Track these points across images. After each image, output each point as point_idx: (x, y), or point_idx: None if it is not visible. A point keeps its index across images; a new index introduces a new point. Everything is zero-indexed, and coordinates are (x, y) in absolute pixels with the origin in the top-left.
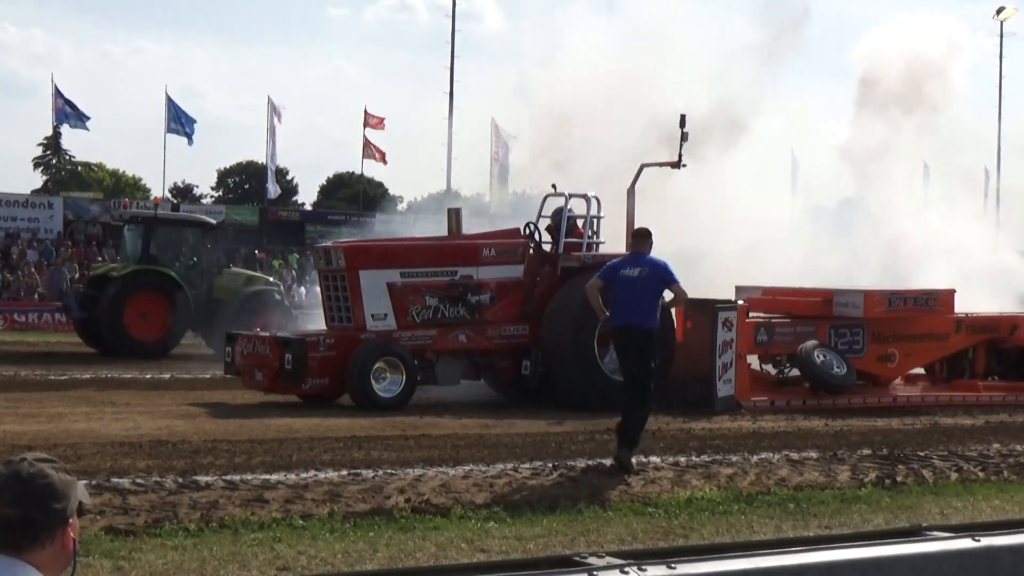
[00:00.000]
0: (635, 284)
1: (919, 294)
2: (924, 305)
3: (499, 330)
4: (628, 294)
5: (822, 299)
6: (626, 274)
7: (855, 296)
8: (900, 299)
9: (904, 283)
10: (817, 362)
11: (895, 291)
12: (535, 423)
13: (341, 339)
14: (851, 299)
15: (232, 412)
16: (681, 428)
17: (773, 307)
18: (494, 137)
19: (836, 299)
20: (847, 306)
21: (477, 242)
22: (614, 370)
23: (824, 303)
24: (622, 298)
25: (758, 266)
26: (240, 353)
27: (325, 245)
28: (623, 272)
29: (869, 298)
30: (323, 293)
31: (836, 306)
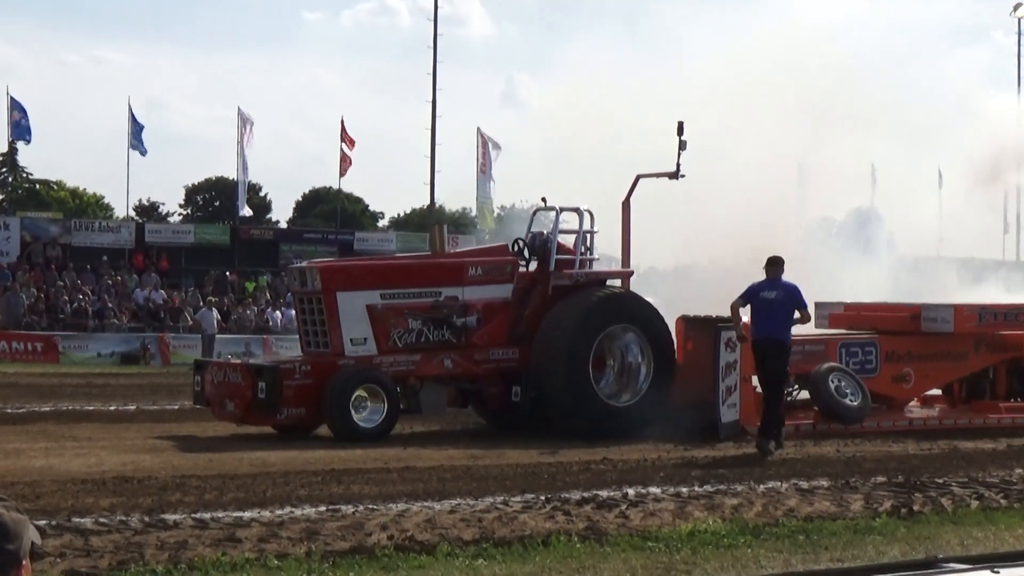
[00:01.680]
0: (772, 304)
1: (1009, 308)
2: (1015, 320)
3: (487, 354)
4: (767, 313)
5: (909, 314)
6: (765, 296)
7: (945, 311)
8: (991, 314)
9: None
10: (830, 387)
11: (985, 305)
12: (526, 453)
13: (318, 366)
14: (940, 314)
15: (202, 445)
16: (682, 456)
17: (857, 323)
18: (480, 148)
19: (924, 314)
20: (936, 321)
21: (463, 260)
22: (610, 395)
23: (912, 318)
24: (762, 316)
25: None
26: (210, 382)
27: (300, 265)
28: (762, 295)
29: (959, 313)
30: (298, 317)
31: (924, 321)
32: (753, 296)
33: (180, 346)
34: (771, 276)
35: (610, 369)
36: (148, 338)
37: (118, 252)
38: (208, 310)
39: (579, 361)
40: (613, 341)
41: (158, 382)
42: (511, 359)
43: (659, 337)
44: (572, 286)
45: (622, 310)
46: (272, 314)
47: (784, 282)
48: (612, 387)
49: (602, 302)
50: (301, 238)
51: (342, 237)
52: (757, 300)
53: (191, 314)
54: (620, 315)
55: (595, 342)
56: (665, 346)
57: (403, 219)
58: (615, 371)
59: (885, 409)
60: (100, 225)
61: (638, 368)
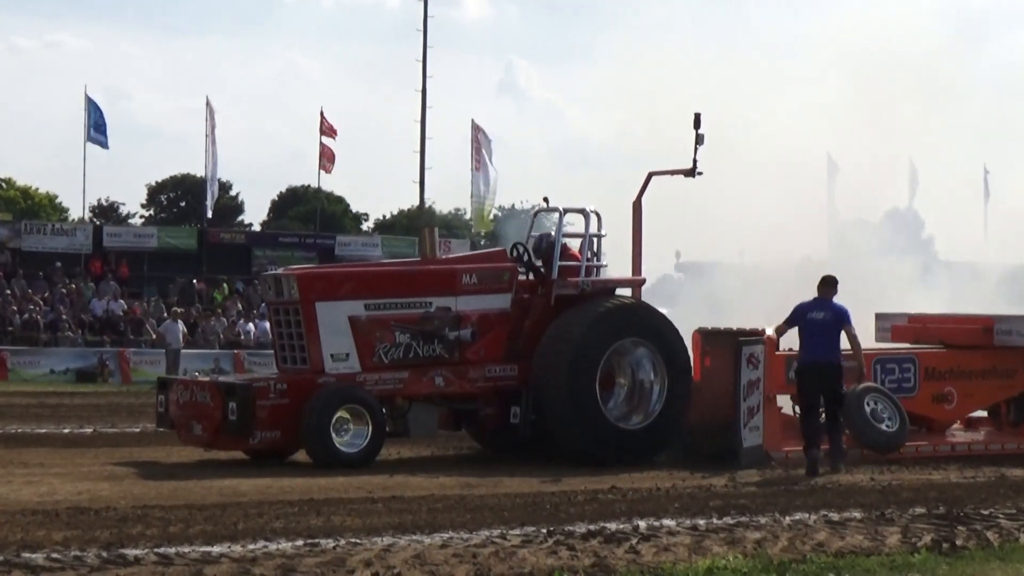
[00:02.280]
0: (824, 326)
1: None
2: None
3: (483, 371)
4: (819, 334)
5: (982, 327)
6: (814, 317)
7: (1021, 324)
8: None
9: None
10: (865, 411)
11: None
12: (526, 481)
13: (295, 384)
14: (1016, 327)
15: (166, 472)
16: (699, 485)
17: (923, 336)
18: (474, 142)
19: (998, 327)
20: (1011, 334)
21: (456, 267)
22: (620, 417)
23: (984, 331)
24: (814, 338)
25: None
26: (175, 402)
27: (275, 272)
28: (811, 315)
29: None
30: (273, 330)
31: (998, 335)
32: (801, 317)
33: (142, 362)
34: (823, 296)
35: (620, 388)
36: (106, 353)
37: (73, 257)
38: (173, 322)
39: (585, 379)
40: (623, 357)
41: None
42: (509, 376)
43: (674, 353)
44: (577, 295)
45: (633, 322)
46: (244, 326)
47: (834, 303)
48: (622, 408)
49: (611, 313)
50: (276, 242)
51: (322, 241)
52: (806, 321)
53: (154, 326)
54: (631, 328)
55: (603, 358)
56: (680, 362)
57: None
58: (625, 390)
59: (925, 432)
60: (53, 228)
61: (651, 387)
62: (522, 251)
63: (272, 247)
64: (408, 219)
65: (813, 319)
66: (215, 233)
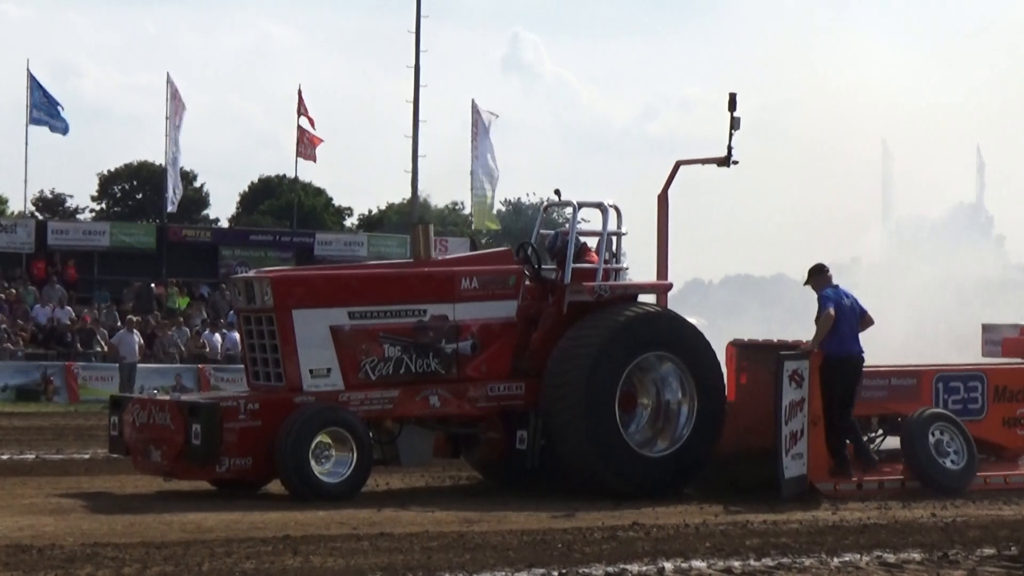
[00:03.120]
0: (855, 313)
1: None
2: None
3: (485, 389)
4: (853, 323)
5: None
6: (847, 304)
7: None
8: None
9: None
10: (928, 443)
11: None
12: (534, 516)
13: (269, 404)
14: None
15: (119, 505)
16: (734, 521)
17: None
18: (475, 126)
19: None
20: None
21: (454, 270)
22: (642, 442)
23: None
24: (851, 327)
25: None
26: (130, 424)
27: (246, 276)
28: (844, 302)
29: None
30: (243, 341)
31: None
32: (839, 304)
33: (92, 378)
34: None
35: (642, 409)
36: (51, 368)
37: (13, 258)
38: (128, 332)
39: (603, 399)
40: (646, 374)
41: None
42: (515, 396)
43: (705, 369)
44: (594, 303)
45: (658, 334)
46: (210, 337)
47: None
48: (645, 432)
49: (632, 323)
50: (247, 240)
51: (299, 239)
52: (843, 309)
53: (106, 337)
54: (655, 340)
55: (623, 375)
56: (712, 380)
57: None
58: (649, 412)
59: (994, 461)
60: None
61: (678, 408)
62: (530, 251)
63: (242, 246)
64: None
65: (847, 307)
66: (176, 230)
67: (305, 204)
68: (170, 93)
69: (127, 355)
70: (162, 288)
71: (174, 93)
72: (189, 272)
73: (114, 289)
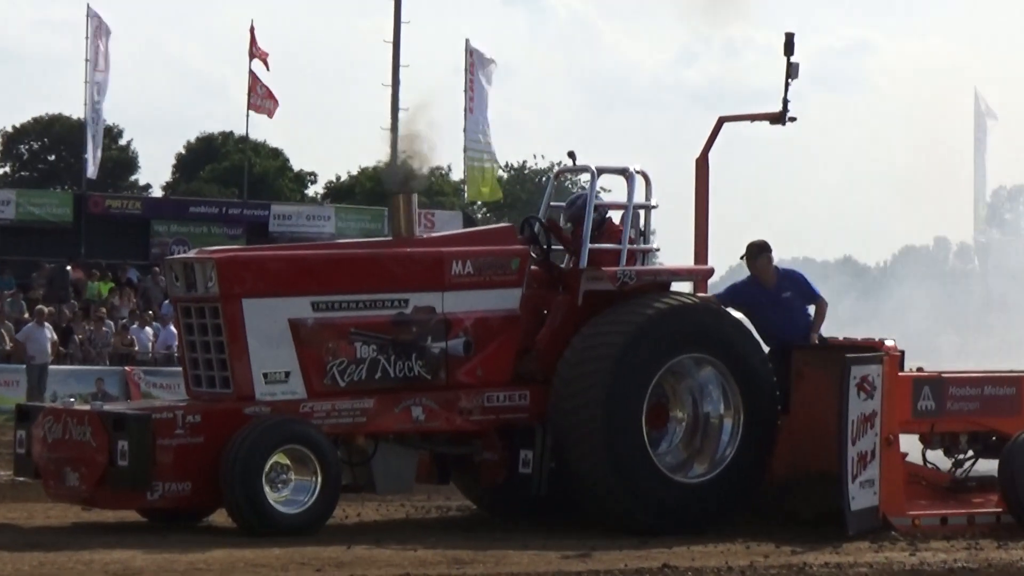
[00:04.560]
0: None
1: None
2: None
3: (480, 399)
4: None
5: None
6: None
7: None
8: None
9: None
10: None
11: None
12: (541, 556)
13: (213, 416)
14: None
15: (27, 540)
16: (789, 564)
17: None
18: (469, 73)
19: None
20: None
21: (443, 250)
22: (675, 465)
23: None
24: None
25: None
26: (40, 440)
27: (185, 256)
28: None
29: None
30: (182, 338)
31: None
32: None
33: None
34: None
35: (676, 424)
36: None
37: None
38: (38, 326)
39: (627, 412)
40: (680, 380)
41: None
42: (519, 407)
43: (753, 374)
44: (616, 292)
45: (696, 331)
46: (139, 333)
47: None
48: (678, 453)
49: (664, 318)
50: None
51: (250, 212)
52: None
53: (11, 332)
54: (692, 339)
55: (652, 382)
56: (762, 389)
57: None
58: (684, 427)
59: None
60: None
61: (719, 423)
62: (537, 228)
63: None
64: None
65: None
66: (98, 200)
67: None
68: (91, 30)
69: (36, 354)
70: (80, 271)
71: (96, 29)
72: (114, 252)
73: (20, 273)
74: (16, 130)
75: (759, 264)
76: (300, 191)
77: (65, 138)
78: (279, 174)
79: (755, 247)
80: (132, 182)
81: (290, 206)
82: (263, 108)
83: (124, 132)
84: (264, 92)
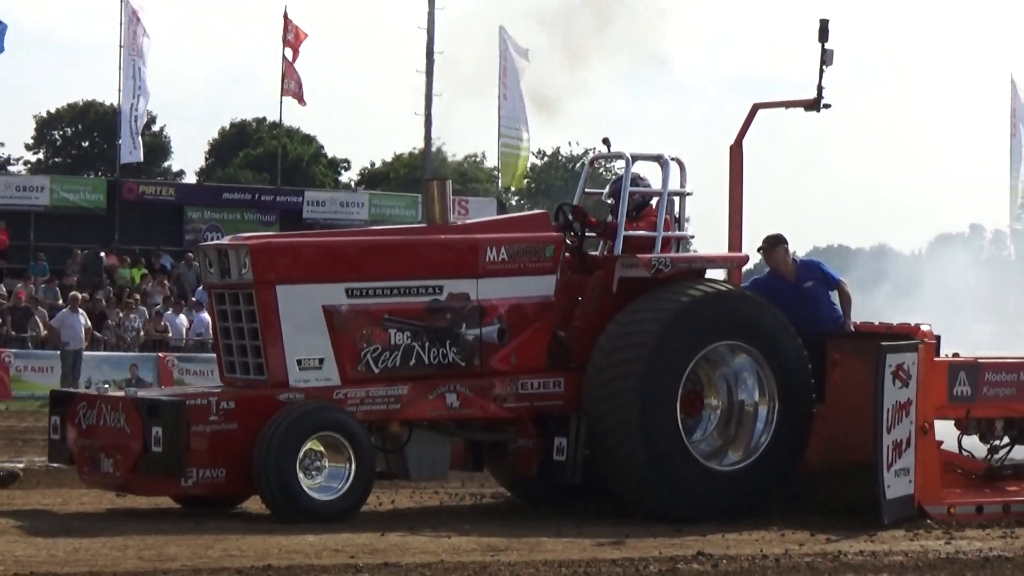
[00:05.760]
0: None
1: None
2: None
3: (515, 386)
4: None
5: None
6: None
7: None
8: None
9: None
10: None
11: None
12: (575, 543)
13: (247, 402)
14: None
15: (61, 526)
16: (823, 552)
17: None
18: (504, 59)
19: None
20: None
21: (478, 237)
22: (710, 453)
23: None
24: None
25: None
26: (75, 427)
27: (219, 243)
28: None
29: None
30: (215, 325)
31: None
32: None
33: (26, 368)
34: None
35: (710, 412)
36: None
37: None
38: (72, 312)
39: (662, 399)
40: (715, 368)
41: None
42: (553, 394)
43: (789, 362)
44: (651, 279)
45: (731, 319)
46: (173, 319)
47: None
48: (713, 440)
49: (699, 305)
50: (219, 199)
51: (284, 198)
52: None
53: (45, 318)
54: (728, 327)
55: (687, 369)
56: (798, 376)
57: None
58: (718, 416)
59: None
60: None
61: (754, 411)
62: (571, 216)
63: (213, 206)
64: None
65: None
66: (132, 186)
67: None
68: (126, 16)
69: (70, 340)
70: (114, 257)
71: (132, 15)
72: (147, 238)
73: (55, 259)
74: (50, 116)
75: (776, 256)
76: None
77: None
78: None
79: (771, 239)
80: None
81: (324, 192)
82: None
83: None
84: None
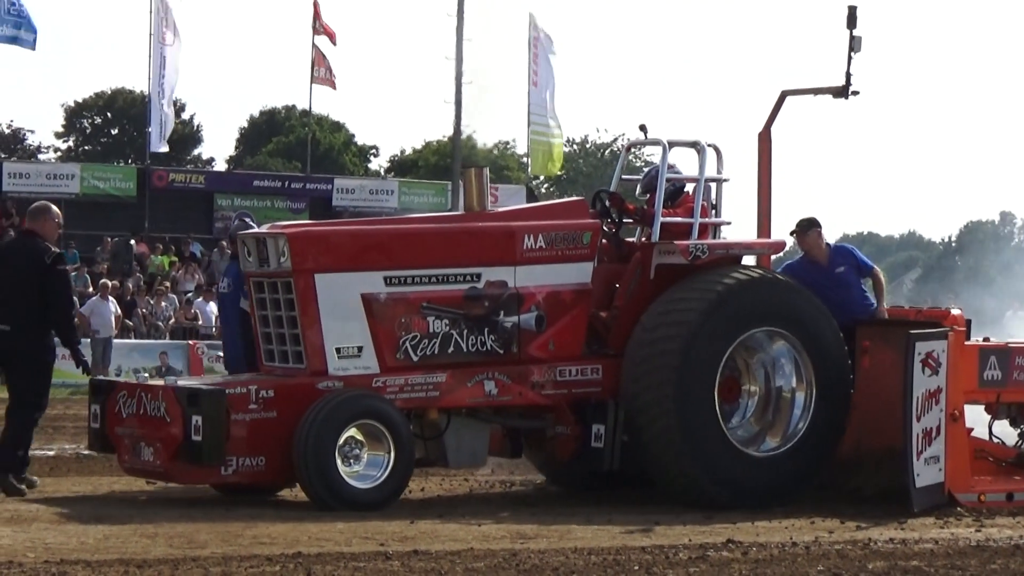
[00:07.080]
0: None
1: None
2: None
3: (553, 373)
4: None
5: None
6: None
7: None
8: None
9: None
10: None
11: None
12: (605, 531)
13: (286, 391)
14: None
15: (95, 513)
16: (854, 540)
17: None
18: (533, 47)
19: None
20: None
21: (515, 224)
22: (747, 439)
23: None
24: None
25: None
26: (115, 415)
27: (255, 231)
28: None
29: None
30: (253, 314)
31: None
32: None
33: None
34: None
35: (748, 398)
36: None
37: None
38: (102, 300)
39: (700, 385)
40: (753, 354)
41: None
42: (591, 381)
43: (826, 349)
44: (688, 266)
45: (769, 305)
46: (203, 307)
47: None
48: (750, 427)
49: (737, 292)
50: (249, 187)
51: (313, 186)
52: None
53: (75, 306)
54: (765, 313)
55: (725, 356)
56: (835, 363)
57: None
58: (756, 402)
59: None
60: None
61: (791, 397)
62: (608, 203)
63: (243, 194)
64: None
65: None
66: (162, 174)
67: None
68: (155, 5)
69: (101, 328)
70: (144, 245)
71: (161, 3)
72: (177, 226)
73: (85, 246)
74: (78, 104)
75: (809, 240)
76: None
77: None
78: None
79: (804, 223)
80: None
81: (353, 180)
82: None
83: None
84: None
